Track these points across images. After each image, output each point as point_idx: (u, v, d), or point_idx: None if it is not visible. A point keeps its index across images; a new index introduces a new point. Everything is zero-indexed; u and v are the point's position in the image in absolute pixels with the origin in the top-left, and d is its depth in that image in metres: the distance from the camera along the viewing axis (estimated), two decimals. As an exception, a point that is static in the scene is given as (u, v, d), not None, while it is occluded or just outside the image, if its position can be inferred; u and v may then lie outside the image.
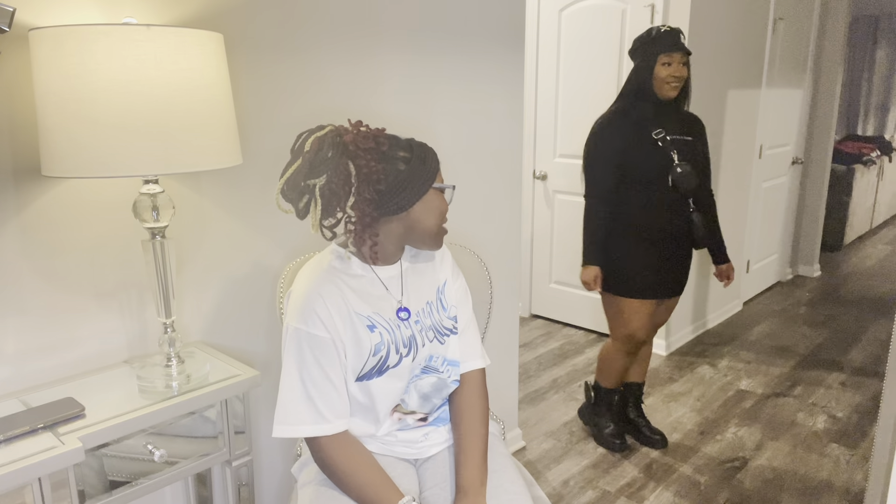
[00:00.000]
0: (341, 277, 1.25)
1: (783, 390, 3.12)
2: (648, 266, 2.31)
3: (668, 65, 2.17)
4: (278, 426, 1.21)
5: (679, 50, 2.16)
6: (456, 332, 1.38)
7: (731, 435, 2.71)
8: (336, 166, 1.16)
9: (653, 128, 2.22)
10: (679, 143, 2.23)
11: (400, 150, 1.21)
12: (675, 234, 2.29)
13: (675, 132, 2.24)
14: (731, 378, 3.26)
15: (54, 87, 1.08)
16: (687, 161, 2.21)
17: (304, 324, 1.20)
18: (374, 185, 1.17)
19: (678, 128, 2.25)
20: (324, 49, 1.69)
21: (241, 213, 1.60)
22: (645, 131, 2.22)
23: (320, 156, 1.16)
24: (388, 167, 1.19)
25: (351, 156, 1.17)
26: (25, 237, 1.28)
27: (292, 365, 1.21)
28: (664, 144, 2.21)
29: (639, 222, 2.28)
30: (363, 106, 1.81)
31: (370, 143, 1.17)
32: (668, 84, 2.18)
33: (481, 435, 1.33)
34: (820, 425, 2.79)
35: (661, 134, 2.21)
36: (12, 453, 1.06)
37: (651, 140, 2.21)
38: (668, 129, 2.23)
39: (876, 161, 6.19)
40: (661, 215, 2.26)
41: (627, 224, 2.29)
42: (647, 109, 2.23)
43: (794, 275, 5.04)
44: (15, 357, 1.30)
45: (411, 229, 1.26)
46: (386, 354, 1.26)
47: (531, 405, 2.98)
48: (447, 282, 1.38)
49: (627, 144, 2.23)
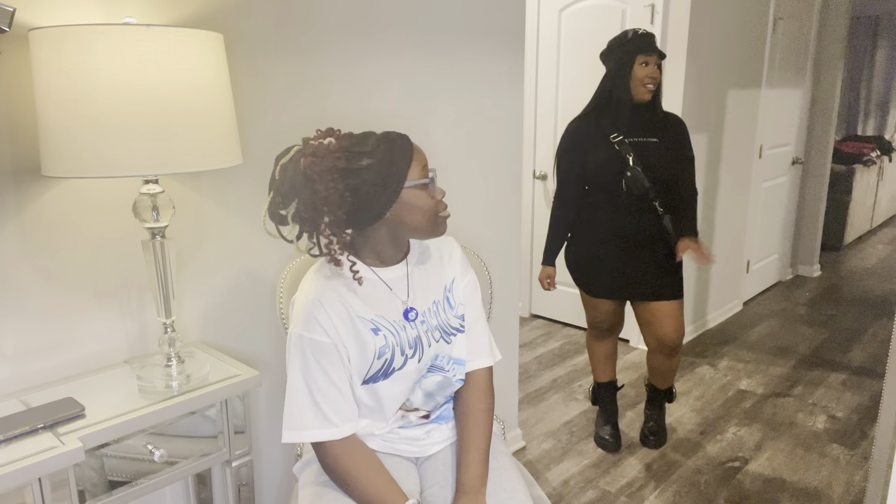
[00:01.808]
0: (342, 282, 1.24)
1: (783, 390, 3.12)
2: (606, 268, 2.34)
3: (645, 65, 2.19)
4: (287, 432, 1.21)
5: (656, 52, 2.19)
6: (463, 331, 1.36)
7: (731, 435, 2.71)
8: (301, 193, 1.14)
9: (613, 131, 2.23)
10: (639, 145, 2.22)
11: (363, 159, 1.15)
12: (637, 237, 2.28)
13: (637, 134, 2.23)
14: (731, 378, 3.26)
15: (54, 87, 1.08)
16: (642, 164, 2.19)
17: (306, 330, 1.19)
18: (337, 207, 1.13)
19: (644, 130, 2.24)
20: (324, 49, 1.69)
21: (240, 213, 1.60)
22: (604, 134, 2.23)
23: (286, 184, 1.15)
24: (352, 181, 1.14)
25: (311, 181, 1.13)
26: (25, 237, 1.27)
27: (297, 371, 1.21)
28: (620, 147, 2.21)
29: (599, 225, 2.31)
30: (363, 106, 1.81)
31: (327, 163, 1.12)
32: (644, 86, 2.19)
33: (485, 434, 1.32)
34: (820, 425, 2.79)
35: (618, 137, 2.21)
36: (12, 453, 1.06)
37: (608, 143, 2.22)
38: (631, 131, 2.22)
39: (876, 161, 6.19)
40: (619, 218, 2.27)
41: (589, 225, 2.34)
42: (619, 112, 2.23)
43: (794, 275, 5.04)
44: (15, 357, 1.30)
45: (399, 229, 1.23)
46: (391, 357, 1.25)
47: (531, 405, 2.98)
48: (455, 279, 1.36)
49: (588, 148, 2.25)
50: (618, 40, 2.23)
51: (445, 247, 1.38)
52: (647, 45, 2.18)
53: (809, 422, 2.82)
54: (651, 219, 2.26)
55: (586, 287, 2.43)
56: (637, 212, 2.25)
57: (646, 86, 2.18)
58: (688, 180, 2.34)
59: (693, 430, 2.74)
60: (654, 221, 2.27)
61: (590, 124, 2.27)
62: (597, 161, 2.24)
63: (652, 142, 2.23)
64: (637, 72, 2.18)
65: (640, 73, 2.18)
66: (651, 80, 2.18)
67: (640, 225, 2.27)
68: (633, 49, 2.19)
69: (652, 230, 2.28)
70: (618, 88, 2.21)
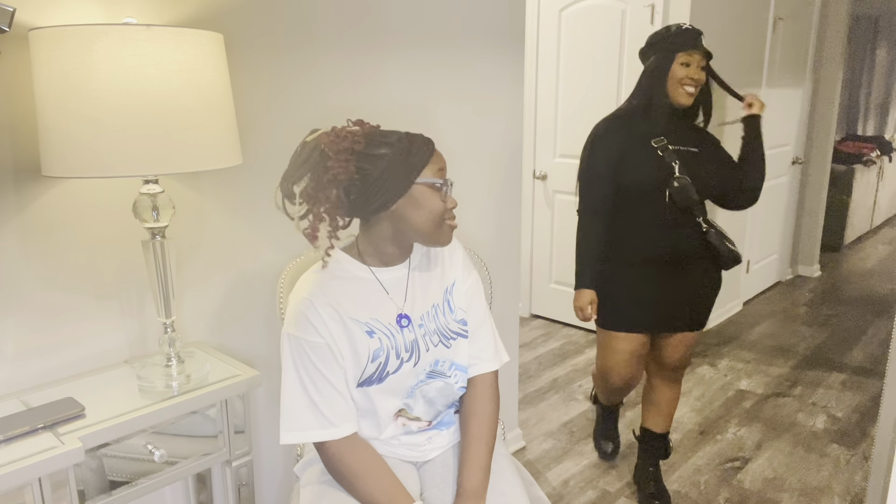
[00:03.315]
0: (338, 283, 1.23)
1: (783, 390, 3.12)
2: (635, 295, 2.02)
3: (686, 65, 1.92)
4: (285, 433, 1.20)
5: (699, 50, 1.92)
6: (465, 336, 1.34)
7: (731, 435, 2.71)
8: (313, 169, 1.15)
9: (654, 135, 1.96)
10: (683, 154, 1.95)
11: (382, 147, 1.15)
12: (678, 259, 1.98)
13: (679, 142, 1.97)
14: (731, 378, 3.26)
15: (54, 87, 1.08)
16: (688, 174, 1.93)
17: (298, 330, 1.18)
18: (341, 186, 1.14)
19: (684, 138, 1.98)
20: (324, 49, 1.69)
21: (241, 213, 1.60)
22: (644, 138, 1.96)
23: (300, 159, 1.16)
24: (365, 165, 1.14)
25: (325, 157, 1.14)
26: (25, 237, 1.27)
27: (291, 372, 1.20)
28: (664, 154, 1.93)
29: (633, 243, 1.99)
30: (363, 106, 1.81)
31: (345, 144, 1.13)
32: (683, 87, 1.92)
33: (488, 439, 1.31)
34: (820, 425, 2.79)
35: (663, 142, 1.94)
36: (12, 453, 1.06)
37: (650, 148, 1.94)
38: (673, 138, 1.96)
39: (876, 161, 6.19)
40: (659, 236, 1.96)
41: (618, 245, 2.01)
42: (655, 116, 1.96)
43: (794, 275, 5.04)
44: (15, 357, 1.30)
45: (402, 228, 1.20)
46: (385, 360, 1.24)
47: (531, 405, 2.98)
48: (456, 282, 1.34)
49: (624, 153, 1.97)
50: (658, 35, 1.97)
51: (447, 248, 1.36)
52: (690, 41, 1.91)
53: (809, 422, 2.82)
54: (694, 237, 1.97)
55: (612, 319, 2.06)
56: (679, 229, 1.96)
57: (684, 87, 1.92)
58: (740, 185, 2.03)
59: (693, 430, 2.74)
60: (697, 241, 1.97)
61: (624, 125, 1.99)
62: (636, 168, 1.94)
63: (693, 151, 1.97)
64: (676, 72, 1.91)
65: (680, 73, 1.91)
66: (691, 83, 1.91)
67: (683, 244, 1.97)
68: (673, 46, 1.92)
69: (695, 251, 1.98)
70: (654, 89, 1.95)
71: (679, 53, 1.91)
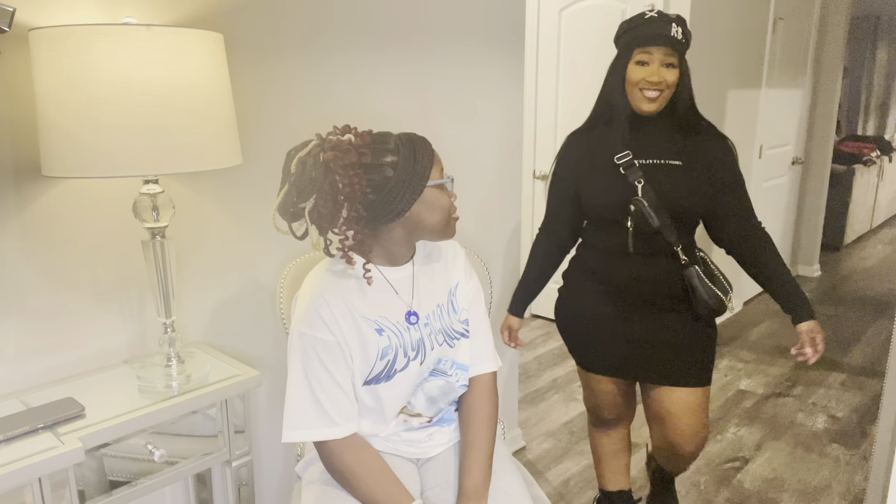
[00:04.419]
0: (347, 281, 1.23)
1: (783, 390, 3.12)
2: (606, 333, 1.71)
3: (643, 64, 1.55)
4: (287, 431, 1.20)
5: (662, 43, 1.52)
6: (467, 336, 1.35)
7: (731, 435, 2.71)
8: (321, 187, 1.12)
9: (618, 150, 1.61)
10: (653, 169, 1.60)
11: (387, 155, 1.14)
12: (651, 294, 1.64)
13: (653, 155, 1.61)
14: (731, 378, 3.26)
15: (54, 87, 1.08)
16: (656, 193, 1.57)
17: (309, 328, 1.19)
18: (359, 201, 1.12)
19: (660, 149, 1.61)
20: (324, 49, 1.69)
21: (241, 213, 1.60)
22: (609, 154, 1.62)
23: (305, 178, 1.12)
24: (375, 177, 1.13)
25: (332, 174, 1.11)
26: (25, 237, 1.28)
27: (299, 369, 1.20)
28: (627, 171, 1.59)
29: (599, 273, 1.69)
30: (363, 106, 1.81)
31: (351, 158, 1.11)
32: (640, 91, 1.55)
33: (488, 439, 1.32)
34: (820, 425, 2.79)
35: (627, 158, 1.60)
36: (12, 453, 1.06)
37: (612, 166, 1.61)
38: (642, 151, 1.61)
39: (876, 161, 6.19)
40: (626, 266, 1.64)
41: (586, 274, 1.73)
42: (618, 126, 1.62)
43: (794, 275, 5.04)
44: (15, 357, 1.30)
45: (415, 230, 1.22)
46: (394, 358, 1.25)
47: (531, 405, 2.98)
48: (459, 283, 1.36)
49: (584, 172, 1.67)
50: (622, 26, 1.62)
51: (450, 250, 1.38)
52: (651, 34, 1.53)
53: (809, 422, 2.82)
54: (671, 270, 1.63)
55: (579, 357, 1.81)
56: (651, 260, 1.63)
57: (643, 92, 1.55)
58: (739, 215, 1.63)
59: (693, 430, 2.75)
60: (674, 276, 1.63)
61: (593, 139, 1.68)
62: (595, 189, 1.65)
63: (673, 165, 1.60)
64: (631, 74, 1.56)
65: (635, 75, 1.55)
66: (649, 86, 1.54)
67: (656, 278, 1.63)
68: (634, 40, 1.56)
69: (672, 286, 1.63)
70: (614, 94, 1.61)
71: (635, 50, 1.56)
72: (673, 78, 1.56)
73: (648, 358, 1.69)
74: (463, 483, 1.26)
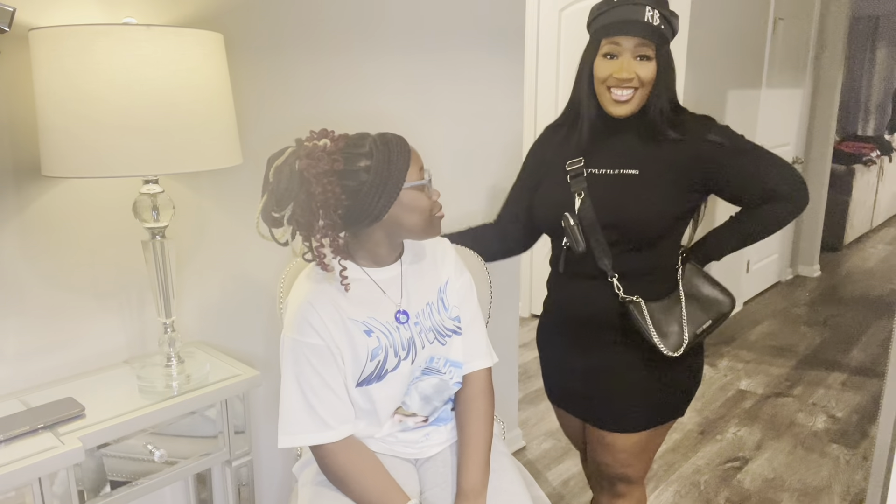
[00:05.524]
0: (333, 285, 1.22)
1: (783, 390, 3.12)
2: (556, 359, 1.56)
3: (612, 57, 1.31)
4: (283, 437, 1.21)
5: (633, 32, 1.28)
6: (459, 333, 1.35)
7: (731, 435, 2.71)
8: (297, 196, 1.12)
9: (574, 154, 1.41)
10: (602, 180, 1.38)
11: (360, 160, 1.13)
12: (591, 322, 1.43)
13: (606, 164, 1.38)
14: (731, 378, 3.26)
15: (54, 86, 1.08)
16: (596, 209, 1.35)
17: (299, 334, 1.19)
18: (334, 208, 1.11)
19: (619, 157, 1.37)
20: (324, 49, 1.69)
21: (240, 213, 1.60)
22: (563, 158, 1.43)
23: (281, 187, 1.12)
24: (350, 183, 1.11)
25: (307, 183, 1.11)
26: (25, 237, 1.27)
27: (290, 375, 1.20)
28: (573, 181, 1.39)
29: (550, 291, 1.57)
30: (363, 106, 1.81)
31: (324, 165, 1.10)
32: (609, 91, 1.32)
33: (485, 437, 1.31)
34: (820, 425, 2.79)
35: (577, 165, 1.39)
36: (12, 453, 1.06)
37: (564, 172, 1.41)
38: (597, 158, 1.39)
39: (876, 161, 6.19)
40: (567, 287, 1.47)
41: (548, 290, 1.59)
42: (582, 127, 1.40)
43: (794, 275, 5.04)
44: (15, 357, 1.30)
45: (396, 231, 1.21)
46: (384, 358, 1.24)
47: (531, 405, 2.98)
48: (449, 280, 1.35)
49: (539, 175, 1.50)
50: (591, 12, 1.37)
51: (439, 248, 1.37)
52: (618, 21, 1.29)
53: (809, 422, 2.82)
54: (610, 298, 1.39)
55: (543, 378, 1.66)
56: (592, 282, 1.40)
57: (611, 91, 1.31)
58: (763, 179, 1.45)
59: (693, 430, 2.74)
60: (614, 303, 1.39)
61: (555, 138, 1.50)
62: (542, 194, 1.47)
63: (628, 175, 1.36)
64: (598, 69, 1.33)
65: (602, 70, 1.32)
66: (619, 84, 1.30)
67: (594, 305, 1.42)
68: (599, 29, 1.32)
69: (611, 316, 1.40)
70: (580, 90, 1.39)
71: (602, 40, 1.32)
72: (648, 73, 1.30)
73: (587, 394, 1.49)
74: (460, 482, 1.26)
